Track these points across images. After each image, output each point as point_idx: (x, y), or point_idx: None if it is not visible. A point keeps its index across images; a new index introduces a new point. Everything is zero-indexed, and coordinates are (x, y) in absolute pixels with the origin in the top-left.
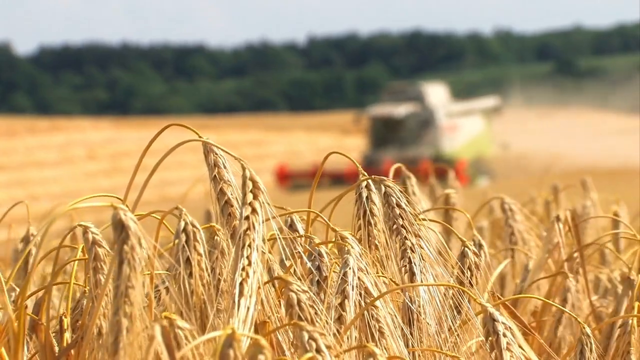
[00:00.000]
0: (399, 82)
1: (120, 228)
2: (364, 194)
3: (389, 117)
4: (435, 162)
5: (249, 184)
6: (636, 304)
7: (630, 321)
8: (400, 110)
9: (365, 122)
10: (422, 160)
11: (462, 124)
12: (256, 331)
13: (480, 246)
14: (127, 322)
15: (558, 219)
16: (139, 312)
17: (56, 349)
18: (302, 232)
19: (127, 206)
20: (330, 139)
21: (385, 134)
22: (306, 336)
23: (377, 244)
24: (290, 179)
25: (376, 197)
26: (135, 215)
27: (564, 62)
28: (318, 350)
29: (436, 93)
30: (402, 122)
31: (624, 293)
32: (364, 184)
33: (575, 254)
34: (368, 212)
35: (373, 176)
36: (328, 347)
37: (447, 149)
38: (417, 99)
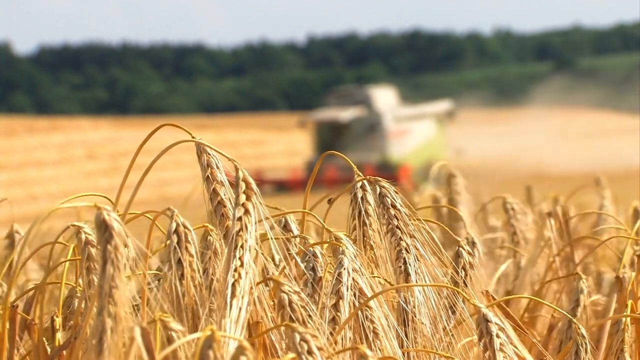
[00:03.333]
0: (345, 86)
1: (103, 228)
2: (359, 194)
3: (334, 122)
4: (380, 168)
5: (242, 185)
6: (629, 301)
7: (623, 319)
8: (346, 114)
9: (310, 126)
10: (365, 167)
11: (412, 129)
12: (250, 332)
13: (474, 245)
14: (112, 322)
15: (550, 214)
16: (124, 313)
17: (48, 349)
18: (296, 232)
19: (113, 206)
20: None
21: (331, 139)
22: (298, 337)
23: (372, 244)
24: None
25: (371, 197)
26: (128, 215)
27: (564, 61)
28: (310, 352)
29: (384, 97)
30: (348, 126)
31: (612, 291)
32: (359, 184)
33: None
34: (363, 212)
35: (369, 177)
36: (320, 349)
37: (395, 155)
38: (364, 103)
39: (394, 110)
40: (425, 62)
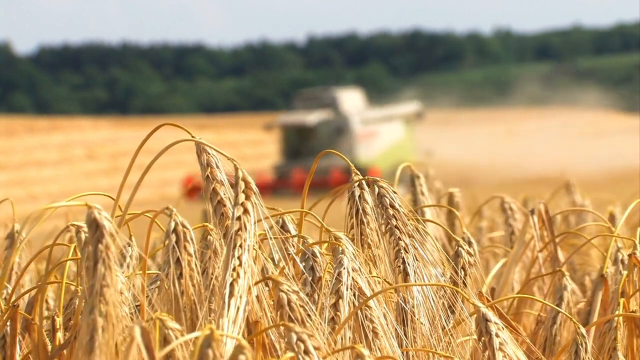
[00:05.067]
0: (311, 88)
1: (94, 227)
2: (357, 193)
3: (301, 125)
4: (349, 172)
5: (242, 184)
6: (622, 300)
7: (615, 317)
8: (313, 117)
9: (277, 130)
10: (333, 170)
11: (380, 131)
12: (249, 331)
13: (470, 244)
14: (103, 321)
15: (532, 212)
16: (115, 311)
17: (49, 348)
18: (294, 233)
19: (119, 206)
20: None
21: (298, 143)
22: (294, 337)
23: (370, 242)
24: (198, 192)
25: (369, 196)
26: (128, 215)
27: (564, 61)
28: (306, 352)
29: (351, 99)
30: (315, 130)
31: (597, 289)
32: (357, 182)
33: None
34: (360, 210)
35: (367, 177)
36: (317, 349)
37: (363, 158)
38: (331, 105)
39: (362, 112)
40: (425, 62)
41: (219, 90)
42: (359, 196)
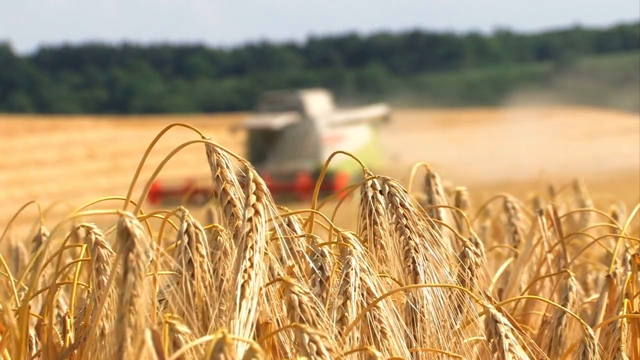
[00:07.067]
0: (277, 91)
1: (125, 235)
2: (370, 193)
3: (266, 129)
4: (316, 176)
5: (253, 186)
6: (625, 300)
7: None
8: (278, 120)
9: (242, 134)
10: (299, 175)
11: (347, 135)
12: (258, 333)
13: (477, 244)
14: (132, 331)
15: (541, 213)
16: (144, 322)
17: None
18: (300, 232)
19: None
20: None
21: (263, 146)
22: (307, 338)
23: (383, 243)
24: (161, 196)
25: (381, 197)
26: (137, 217)
27: (564, 61)
28: (319, 353)
29: (317, 102)
30: (281, 133)
31: (604, 290)
32: (369, 183)
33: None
34: (374, 211)
35: (379, 176)
36: (329, 350)
37: (330, 162)
38: (297, 108)
39: (328, 115)
40: (426, 62)
41: (219, 90)
42: (372, 197)
